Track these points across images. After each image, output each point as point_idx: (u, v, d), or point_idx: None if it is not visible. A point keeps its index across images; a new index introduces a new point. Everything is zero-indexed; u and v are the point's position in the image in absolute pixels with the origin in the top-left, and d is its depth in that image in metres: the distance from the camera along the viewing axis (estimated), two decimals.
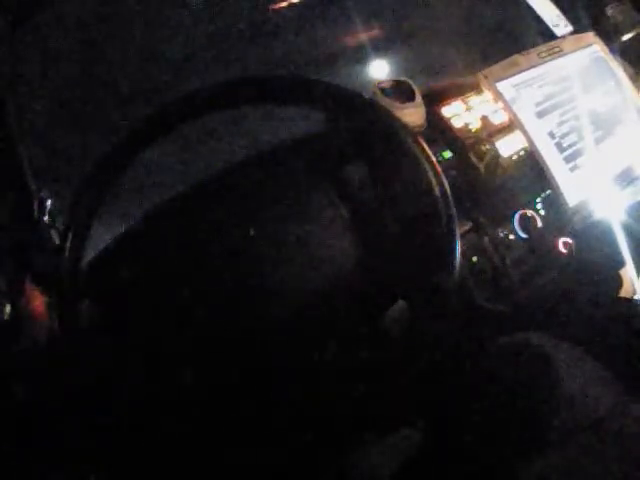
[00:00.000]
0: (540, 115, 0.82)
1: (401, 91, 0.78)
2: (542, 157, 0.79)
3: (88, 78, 1.15)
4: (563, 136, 0.82)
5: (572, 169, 0.81)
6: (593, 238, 0.80)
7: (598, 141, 0.85)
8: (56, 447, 0.61)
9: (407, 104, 0.76)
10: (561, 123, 0.83)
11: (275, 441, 0.63)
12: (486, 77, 0.82)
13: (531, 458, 0.56)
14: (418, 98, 0.77)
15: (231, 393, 0.59)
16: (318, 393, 0.59)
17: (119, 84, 1.17)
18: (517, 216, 0.78)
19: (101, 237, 0.64)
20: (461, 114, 0.82)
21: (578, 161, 0.82)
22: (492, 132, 0.81)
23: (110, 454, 0.63)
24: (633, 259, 0.79)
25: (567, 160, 0.81)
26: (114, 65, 1.18)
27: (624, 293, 0.87)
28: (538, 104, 0.82)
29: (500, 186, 0.79)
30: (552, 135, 0.81)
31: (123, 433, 0.61)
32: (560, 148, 0.81)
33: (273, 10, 1.23)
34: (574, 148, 0.82)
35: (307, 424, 0.62)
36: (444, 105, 0.82)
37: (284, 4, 1.22)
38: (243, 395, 0.59)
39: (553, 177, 0.79)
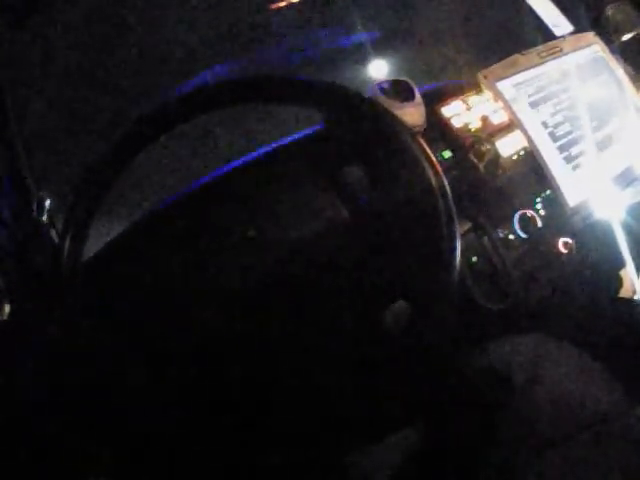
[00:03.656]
0: (540, 115, 0.82)
1: (401, 91, 0.78)
2: (542, 157, 0.79)
3: (88, 78, 1.15)
4: (563, 136, 0.82)
5: (572, 169, 0.81)
6: (593, 238, 0.80)
7: (598, 141, 0.85)
8: (56, 447, 0.61)
9: (407, 104, 0.76)
10: (561, 123, 0.83)
11: (275, 441, 0.63)
12: (486, 77, 0.82)
13: (531, 458, 0.56)
14: (418, 98, 0.77)
15: (231, 393, 0.59)
16: (318, 393, 0.59)
17: (119, 84, 1.17)
18: (517, 216, 0.78)
19: (101, 236, 0.64)
20: (461, 114, 0.81)
21: (578, 161, 0.82)
22: (492, 132, 0.81)
23: (110, 454, 0.63)
24: (633, 259, 0.79)
25: (567, 160, 0.81)
26: (114, 65, 1.18)
27: (624, 293, 0.87)
28: (538, 104, 0.82)
29: (500, 186, 0.79)
30: (552, 135, 0.81)
31: (123, 433, 0.61)
32: (560, 148, 0.81)
33: (273, 10, 1.23)
34: (574, 148, 0.82)
35: (307, 424, 0.62)
36: (444, 105, 0.82)
37: (284, 4, 1.22)
38: (243, 395, 0.59)
39: (553, 177, 0.78)
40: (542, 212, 0.79)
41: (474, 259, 0.75)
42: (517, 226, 0.77)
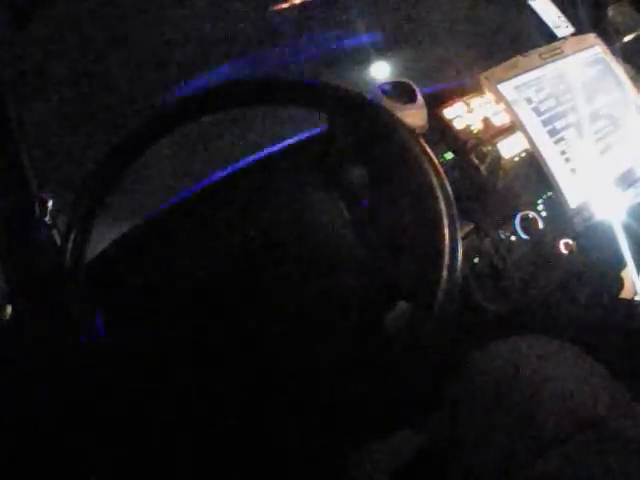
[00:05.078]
0: (541, 117, 0.82)
1: (402, 92, 0.78)
2: (543, 158, 0.79)
3: (88, 78, 1.15)
4: (564, 138, 0.82)
5: (573, 170, 0.81)
6: (594, 239, 0.80)
7: (599, 142, 0.85)
8: (56, 447, 0.61)
9: (408, 105, 0.76)
10: (563, 125, 0.83)
11: (276, 441, 0.64)
12: (487, 79, 0.82)
13: (531, 458, 0.56)
14: (419, 99, 0.77)
15: (231, 394, 0.59)
16: (319, 393, 0.59)
17: (119, 84, 1.17)
18: (518, 217, 0.78)
19: (103, 238, 0.64)
20: (463, 116, 0.82)
21: (579, 162, 0.82)
22: (494, 134, 0.81)
23: (110, 454, 0.63)
24: (634, 260, 0.79)
25: (568, 161, 0.81)
26: (114, 65, 1.18)
27: (625, 294, 0.87)
28: (539, 106, 0.82)
29: (501, 187, 0.79)
30: (553, 136, 0.81)
31: (124, 432, 0.61)
32: (561, 149, 0.81)
33: (275, 12, 1.24)
34: (575, 150, 0.82)
35: (308, 424, 0.62)
36: (446, 107, 0.82)
37: (286, 6, 1.23)
38: (244, 397, 0.59)
39: (554, 178, 0.79)
40: (543, 213, 0.79)
41: (475, 260, 0.75)
42: (518, 227, 0.78)
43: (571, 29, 0.95)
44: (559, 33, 0.95)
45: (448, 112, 0.81)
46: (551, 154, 0.80)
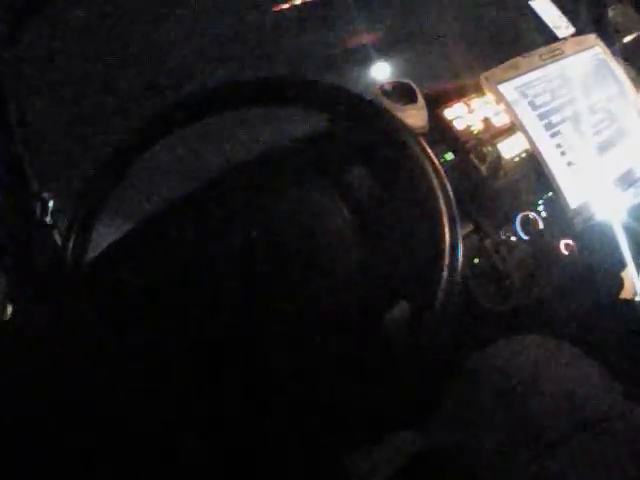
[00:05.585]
0: (542, 117, 0.82)
1: (403, 93, 0.78)
2: (544, 159, 0.79)
3: (88, 78, 1.15)
4: (565, 138, 0.82)
5: (574, 171, 0.81)
6: (594, 240, 0.80)
7: (600, 143, 0.85)
8: (56, 447, 0.61)
9: (409, 106, 0.76)
10: (563, 125, 0.83)
11: (275, 441, 0.63)
12: (488, 79, 0.82)
13: (531, 458, 0.56)
14: (420, 100, 0.77)
15: (232, 394, 0.59)
16: (319, 394, 0.59)
17: (119, 84, 1.17)
18: (519, 218, 0.78)
19: (103, 237, 0.64)
20: (463, 116, 0.82)
21: (580, 163, 0.82)
22: (494, 134, 0.81)
23: (110, 454, 0.63)
24: (634, 261, 0.79)
25: (568, 162, 0.81)
26: (114, 65, 1.18)
27: (625, 294, 0.88)
28: (540, 106, 0.82)
29: (502, 188, 0.79)
30: (554, 137, 0.81)
31: (124, 432, 0.61)
32: (562, 150, 0.81)
33: (276, 12, 1.24)
34: (576, 150, 0.82)
35: (307, 424, 0.62)
36: (446, 107, 0.82)
37: (287, 6, 1.23)
38: (244, 396, 0.59)
39: (555, 179, 0.79)
40: (544, 214, 0.79)
41: (476, 260, 0.75)
42: (519, 228, 0.78)
43: (571, 29, 0.95)
44: (559, 34, 0.95)
45: (448, 112, 0.81)
46: (551, 154, 0.80)
